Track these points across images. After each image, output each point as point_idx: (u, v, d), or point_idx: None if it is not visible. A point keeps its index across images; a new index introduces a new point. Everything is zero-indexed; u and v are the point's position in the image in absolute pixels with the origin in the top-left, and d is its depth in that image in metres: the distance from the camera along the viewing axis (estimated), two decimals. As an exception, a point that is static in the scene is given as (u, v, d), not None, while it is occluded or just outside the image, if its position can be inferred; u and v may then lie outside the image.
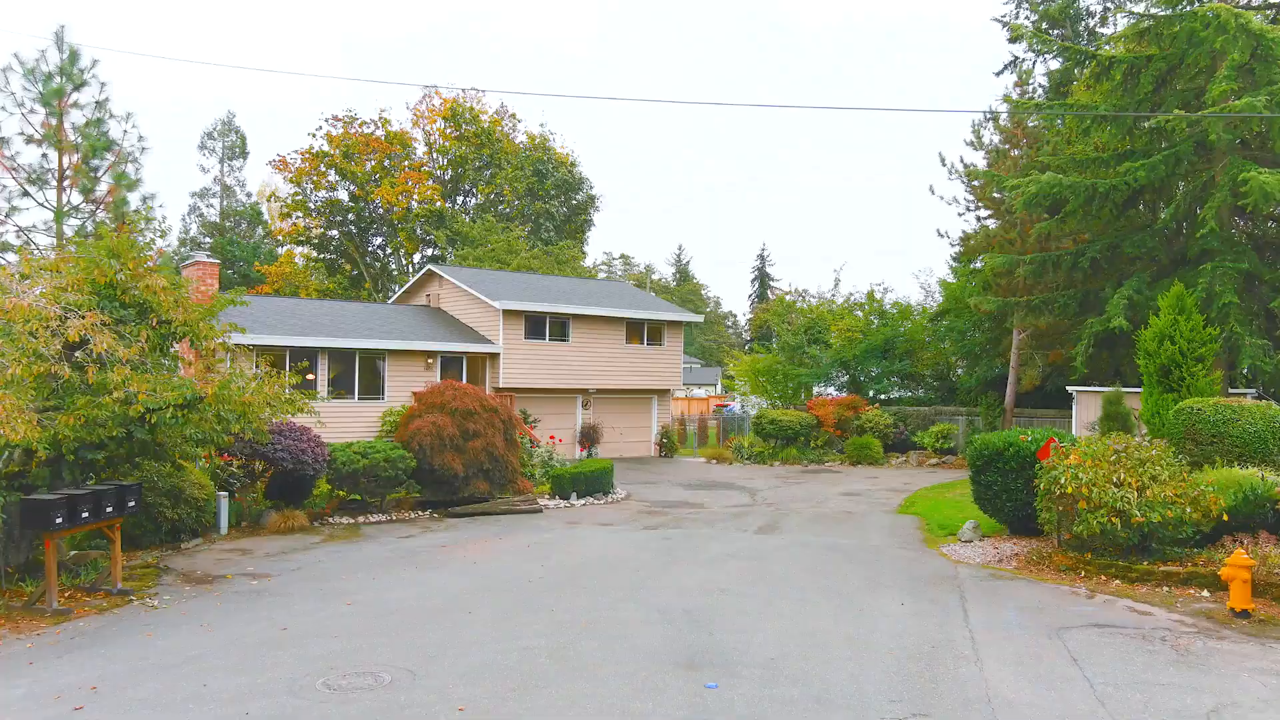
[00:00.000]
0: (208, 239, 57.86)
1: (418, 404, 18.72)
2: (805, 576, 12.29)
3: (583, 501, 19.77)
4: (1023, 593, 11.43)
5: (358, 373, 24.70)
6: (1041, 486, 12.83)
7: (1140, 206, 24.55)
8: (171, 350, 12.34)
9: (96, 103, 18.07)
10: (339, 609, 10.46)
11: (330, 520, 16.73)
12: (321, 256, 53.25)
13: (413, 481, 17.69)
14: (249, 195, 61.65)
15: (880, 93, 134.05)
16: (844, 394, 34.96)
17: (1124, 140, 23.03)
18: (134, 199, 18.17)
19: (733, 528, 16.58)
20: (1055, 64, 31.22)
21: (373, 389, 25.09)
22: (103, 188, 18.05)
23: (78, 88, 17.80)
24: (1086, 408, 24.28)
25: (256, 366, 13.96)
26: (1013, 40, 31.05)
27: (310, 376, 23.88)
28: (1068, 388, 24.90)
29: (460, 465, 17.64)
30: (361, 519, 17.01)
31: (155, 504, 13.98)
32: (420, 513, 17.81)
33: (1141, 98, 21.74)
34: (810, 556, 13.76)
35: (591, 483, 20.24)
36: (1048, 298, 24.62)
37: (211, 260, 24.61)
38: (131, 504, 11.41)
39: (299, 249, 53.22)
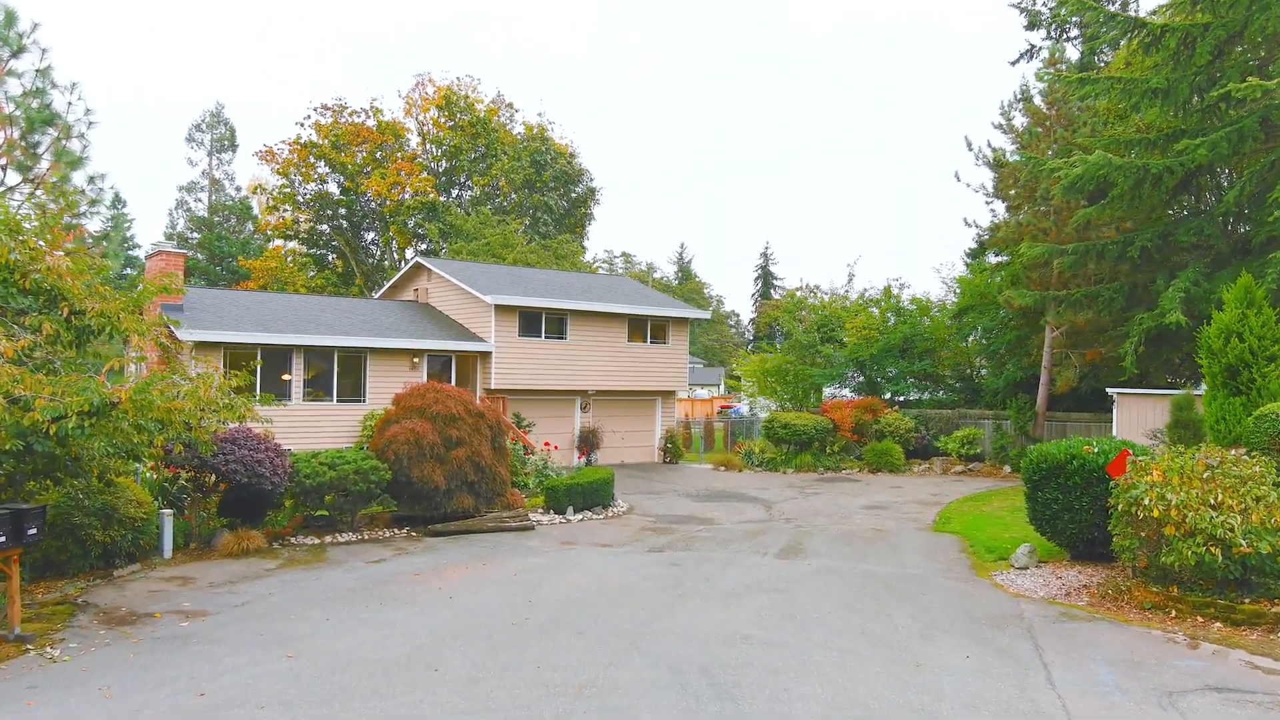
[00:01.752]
0: (195, 234, 55.87)
1: (395, 408, 16.76)
2: (842, 616, 10.34)
3: (580, 516, 17.82)
4: (1107, 639, 9.48)
5: (336, 373, 22.73)
6: (1119, 508, 10.88)
7: (1190, 191, 22.50)
8: (89, 347, 10.40)
9: (37, 71, 16.14)
10: (277, 663, 8.51)
11: (292, 541, 14.76)
12: (311, 251, 51.26)
13: (388, 496, 15.70)
14: (238, 189, 59.57)
15: (880, 94, 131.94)
16: (859, 395, 32.95)
17: (1176, 118, 20.99)
18: (79, 178, 16.29)
19: (750, 549, 14.61)
20: (1075, 53, 29.41)
21: (353, 390, 23.13)
22: (44, 165, 16.20)
23: (15, 54, 15.94)
24: (1129, 411, 22.27)
25: (197, 364, 11.98)
26: (1029, 28, 29.45)
27: (286, 377, 21.97)
28: (1108, 390, 22.87)
29: (442, 477, 15.68)
30: (329, 539, 15.05)
31: (83, 525, 12.04)
32: (396, 531, 15.84)
33: (1196, 70, 19.71)
34: (844, 588, 11.80)
35: (590, 494, 18.28)
36: (1091, 291, 22.53)
37: (177, 250, 22.73)
38: (32, 531, 9.47)
39: (287, 244, 51.23)
